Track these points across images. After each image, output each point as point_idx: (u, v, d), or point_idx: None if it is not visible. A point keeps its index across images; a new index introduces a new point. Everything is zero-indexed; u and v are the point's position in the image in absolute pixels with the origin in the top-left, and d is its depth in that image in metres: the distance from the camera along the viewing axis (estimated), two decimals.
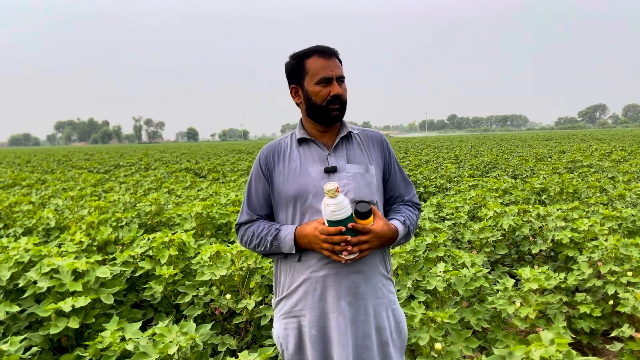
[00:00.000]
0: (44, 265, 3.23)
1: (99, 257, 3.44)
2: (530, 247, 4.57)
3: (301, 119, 1.95)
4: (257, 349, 2.65)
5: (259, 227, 1.86)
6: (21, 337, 2.61)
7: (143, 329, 2.72)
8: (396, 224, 1.82)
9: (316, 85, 1.81)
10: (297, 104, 1.92)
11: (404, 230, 1.84)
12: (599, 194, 7.21)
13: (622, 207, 5.89)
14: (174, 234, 4.01)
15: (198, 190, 8.37)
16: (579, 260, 3.72)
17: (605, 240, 3.70)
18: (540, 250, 4.60)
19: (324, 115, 1.83)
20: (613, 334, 2.98)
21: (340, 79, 1.83)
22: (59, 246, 4.45)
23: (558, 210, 5.24)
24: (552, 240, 4.48)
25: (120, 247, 4.45)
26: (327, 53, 1.82)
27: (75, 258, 3.65)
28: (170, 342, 2.40)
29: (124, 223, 5.37)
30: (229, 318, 3.44)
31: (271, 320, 3.19)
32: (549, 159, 15.70)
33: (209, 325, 2.68)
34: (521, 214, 5.12)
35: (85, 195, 8.27)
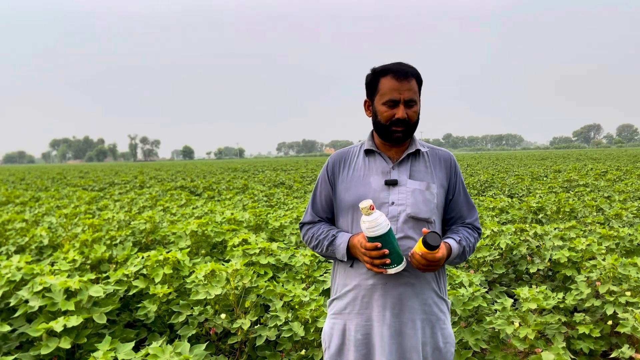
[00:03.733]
0: (36, 283, 3.17)
1: (92, 276, 3.39)
2: (528, 266, 4.54)
3: (372, 130, 2.00)
4: None
5: (319, 230, 1.96)
6: (11, 358, 2.55)
7: (136, 349, 2.67)
8: (451, 242, 1.84)
9: (383, 105, 1.86)
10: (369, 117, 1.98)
11: (459, 250, 1.86)
12: (595, 213, 7.21)
13: (619, 226, 5.89)
14: (168, 252, 3.97)
15: (193, 209, 8.33)
16: (577, 279, 3.70)
17: (603, 260, 3.68)
18: (538, 270, 4.57)
19: (386, 134, 1.89)
20: (613, 355, 2.95)
21: (410, 102, 1.84)
22: (52, 264, 4.39)
23: (555, 229, 5.23)
24: (550, 259, 4.46)
25: (114, 266, 4.40)
26: (402, 74, 1.83)
27: (68, 276, 3.60)
28: None
29: (118, 241, 5.31)
30: (224, 338, 3.38)
31: (266, 341, 3.16)
32: (544, 178, 15.75)
33: (203, 346, 2.63)
34: (518, 233, 5.10)
35: (79, 213, 8.20)
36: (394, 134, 1.86)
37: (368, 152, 1.96)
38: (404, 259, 1.76)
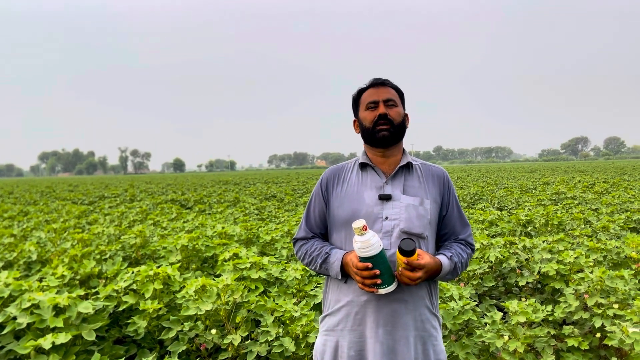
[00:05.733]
0: (25, 300, 3.15)
1: (82, 292, 3.37)
2: (517, 279, 4.57)
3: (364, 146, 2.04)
4: None
5: (312, 247, 1.97)
6: None
7: None
8: (442, 258, 1.85)
9: (365, 111, 1.93)
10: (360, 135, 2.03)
11: (450, 266, 1.86)
12: (583, 226, 7.28)
13: (607, 238, 5.95)
14: (158, 267, 3.95)
15: (184, 222, 8.30)
16: (566, 292, 3.73)
17: (591, 273, 3.72)
18: (527, 283, 4.60)
19: (372, 136, 1.92)
20: None
21: (389, 102, 1.92)
22: (40, 280, 4.35)
23: (544, 242, 5.27)
24: (539, 272, 4.50)
25: (104, 281, 4.37)
26: (378, 83, 1.95)
27: (57, 293, 3.57)
28: None
29: (107, 256, 5.28)
30: (214, 354, 3.37)
31: (257, 356, 3.15)
32: (533, 191, 15.87)
33: None
34: (508, 246, 5.14)
35: (68, 227, 8.15)
36: (379, 133, 1.89)
37: (362, 166, 1.98)
38: (396, 279, 1.76)
